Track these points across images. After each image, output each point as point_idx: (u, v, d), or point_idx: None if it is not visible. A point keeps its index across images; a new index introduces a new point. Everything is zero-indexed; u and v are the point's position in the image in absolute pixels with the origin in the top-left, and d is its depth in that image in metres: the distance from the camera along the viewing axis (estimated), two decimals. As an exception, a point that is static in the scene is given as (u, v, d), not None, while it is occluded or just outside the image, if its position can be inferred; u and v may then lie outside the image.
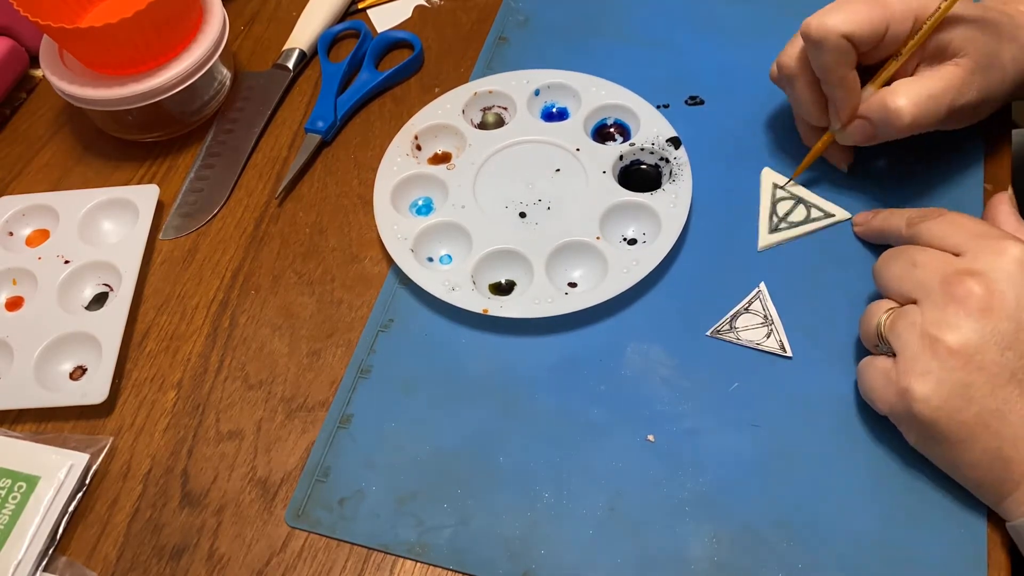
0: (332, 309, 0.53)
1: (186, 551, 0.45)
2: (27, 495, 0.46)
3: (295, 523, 0.45)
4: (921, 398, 0.39)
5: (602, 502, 0.44)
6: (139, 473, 0.48)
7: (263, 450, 0.48)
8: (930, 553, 0.41)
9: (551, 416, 0.47)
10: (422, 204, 0.56)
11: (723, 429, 0.46)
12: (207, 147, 0.62)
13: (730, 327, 0.49)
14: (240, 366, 0.51)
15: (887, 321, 0.42)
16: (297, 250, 0.56)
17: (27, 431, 0.50)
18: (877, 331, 0.43)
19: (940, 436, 0.40)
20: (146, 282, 0.55)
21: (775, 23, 0.62)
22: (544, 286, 0.50)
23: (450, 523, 0.44)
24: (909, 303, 0.42)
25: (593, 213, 0.52)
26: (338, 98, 0.62)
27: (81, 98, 0.57)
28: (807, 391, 0.47)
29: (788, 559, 0.42)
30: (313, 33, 0.66)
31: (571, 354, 0.49)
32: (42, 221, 0.57)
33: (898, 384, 0.40)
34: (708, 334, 0.49)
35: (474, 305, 0.49)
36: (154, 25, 0.54)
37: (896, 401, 0.41)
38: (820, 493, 0.44)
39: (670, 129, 0.55)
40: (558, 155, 0.56)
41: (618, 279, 0.50)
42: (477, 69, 0.63)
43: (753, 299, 0.49)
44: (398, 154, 0.57)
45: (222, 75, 0.62)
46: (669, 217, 0.52)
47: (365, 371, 0.50)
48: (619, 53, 0.62)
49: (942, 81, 0.45)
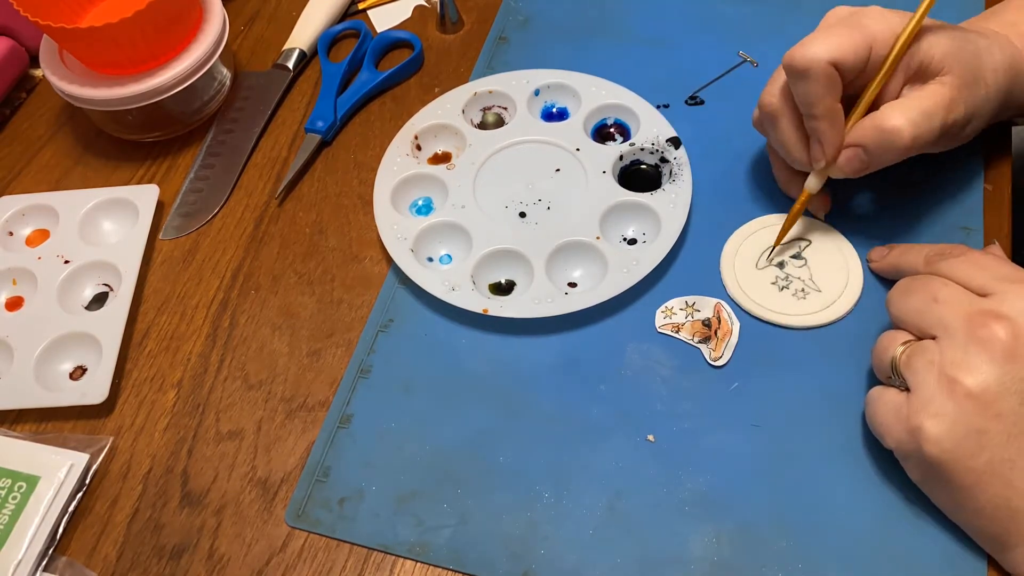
0: (332, 309, 0.53)
1: (186, 551, 0.45)
2: (27, 495, 0.46)
3: (295, 523, 0.45)
4: (933, 439, 0.38)
5: (602, 502, 0.44)
6: (139, 473, 0.48)
7: (263, 450, 0.48)
8: (930, 553, 0.41)
9: (551, 416, 0.47)
10: (422, 204, 0.56)
11: (723, 429, 0.46)
12: (207, 147, 0.62)
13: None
14: (240, 366, 0.51)
15: (903, 356, 0.40)
16: (297, 250, 0.56)
17: (27, 431, 0.50)
18: (892, 365, 0.41)
19: (947, 480, 0.39)
20: (146, 282, 0.55)
21: (775, 23, 0.62)
22: (544, 286, 0.50)
23: (450, 523, 0.44)
24: (927, 338, 0.40)
25: (593, 213, 0.52)
26: (338, 98, 0.62)
27: (81, 98, 0.57)
28: (807, 391, 0.47)
29: (788, 559, 0.42)
30: (313, 33, 0.66)
31: (571, 354, 0.49)
32: (42, 221, 0.57)
33: (909, 422, 0.39)
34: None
35: (474, 305, 0.49)
36: (154, 25, 0.54)
37: (906, 438, 0.39)
38: (820, 493, 0.44)
39: (670, 129, 0.55)
40: (558, 155, 0.56)
41: (618, 279, 0.50)
42: (477, 69, 0.63)
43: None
44: (398, 154, 0.57)
45: (222, 75, 0.62)
46: (669, 217, 0.52)
47: (365, 371, 0.50)
48: (619, 53, 0.62)
49: (932, 98, 0.44)
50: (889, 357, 0.41)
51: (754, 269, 0.50)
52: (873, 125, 0.45)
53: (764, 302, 0.49)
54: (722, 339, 0.48)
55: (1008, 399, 0.37)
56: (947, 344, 0.39)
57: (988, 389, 0.37)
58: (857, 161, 0.46)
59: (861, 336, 0.48)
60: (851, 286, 0.49)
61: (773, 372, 0.47)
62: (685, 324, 0.49)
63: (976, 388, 0.37)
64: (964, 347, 0.38)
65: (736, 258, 0.51)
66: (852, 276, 0.49)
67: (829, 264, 0.50)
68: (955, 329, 0.39)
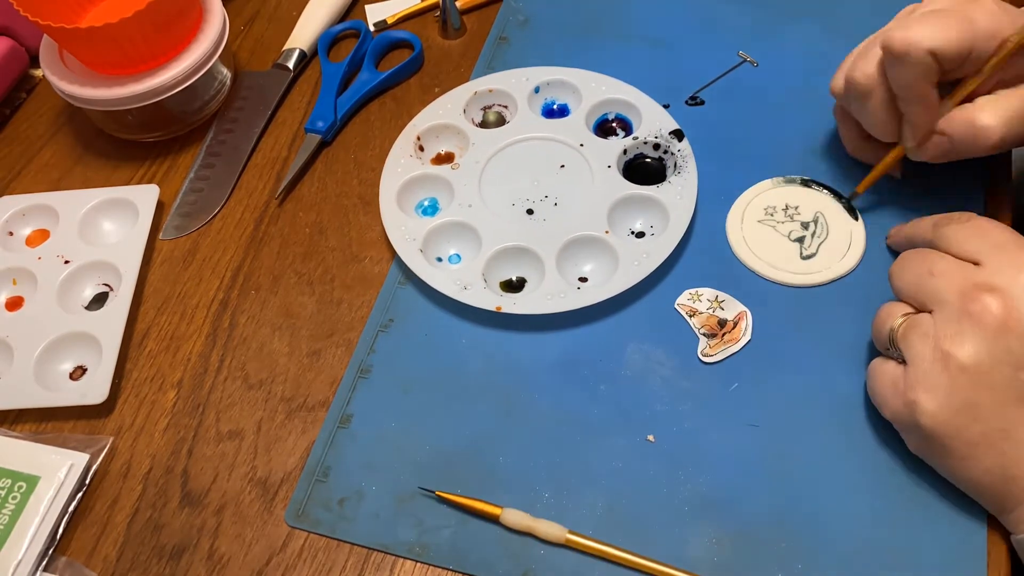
0: (332, 309, 0.53)
1: (186, 551, 0.45)
2: (27, 495, 0.46)
3: (295, 523, 0.45)
4: (928, 412, 0.39)
5: (602, 502, 0.44)
6: (139, 473, 0.48)
7: (263, 450, 0.48)
8: (930, 553, 0.41)
9: (551, 416, 0.47)
10: (428, 205, 0.56)
11: (723, 429, 0.46)
12: (207, 147, 0.62)
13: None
14: (240, 366, 0.51)
15: (901, 329, 0.41)
16: (297, 250, 0.56)
17: (27, 431, 0.50)
18: (889, 337, 0.42)
19: (943, 450, 0.40)
20: (146, 282, 0.55)
21: (775, 24, 0.62)
22: (556, 282, 0.50)
23: (450, 523, 0.44)
24: (924, 311, 0.41)
25: (600, 207, 0.53)
26: (338, 98, 0.62)
27: (81, 98, 0.57)
28: (807, 391, 0.47)
29: (788, 559, 0.42)
30: (313, 33, 0.66)
31: (572, 354, 0.49)
32: (42, 221, 0.57)
33: (905, 395, 0.40)
34: None
35: (487, 303, 0.49)
36: (154, 25, 0.54)
37: (902, 410, 0.40)
38: (820, 493, 0.44)
39: (672, 122, 0.55)
40: (562, 151, 0.56)
41: (629, 272, 0.50)
42: (477, 69, 0.63)
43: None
44: (401, 155, 0.57)
45: (222, 75, 0.62)
46: (676, 209, 0.52)
47: (365, 371, 0.50)
48: (620, 53, 0.62)
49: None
50: (887, 329, 0.42)
51: (759, 227, 0.52)
52: (964, 119, 0.45)
53: (774, 261, 0.51)
54: (726, 342, 0.48)
55: (1001, 370, 0.38)
56: (941, 318, 0.40)
57: (981, 362, 0.38)
58: (940, 149, 0.47)
59: (861, 336, 0.48)
60: (855, 244, 0.51)
61: (773, 372, 0.47)
62: (703, 314, 0.49)
63: (969, 361, 0.38)
64: (957, 321, 0.39)
65: (743, 223, 0.52)
66: (855, 237, 0.51)
67: (834, 226, 0.52)
68: (949, 303, 0.39)
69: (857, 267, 0.50)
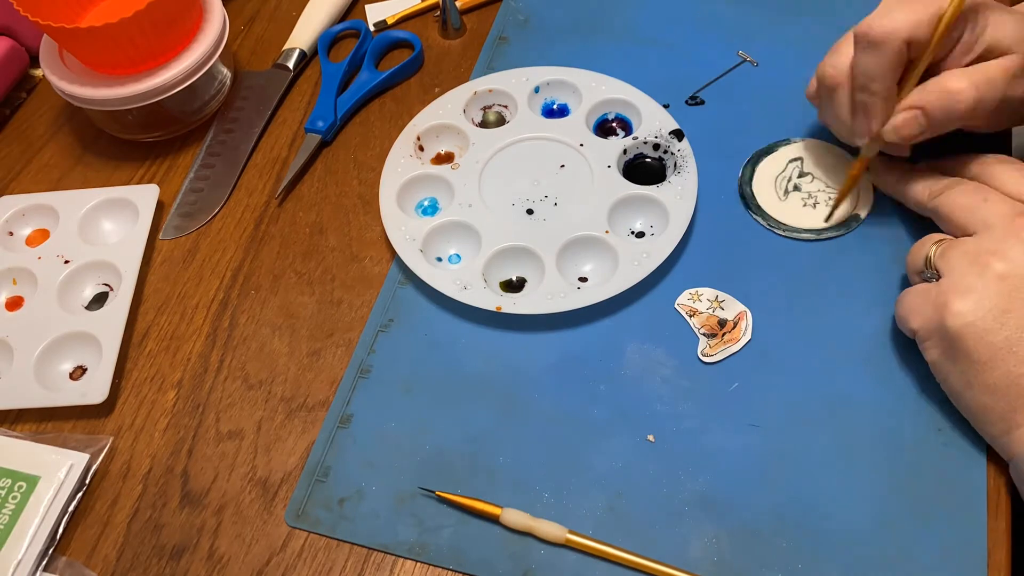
0: (332, 309, 0.53)
1: (186, 551, 0.45)
2: (27, 495, 0.46)
3: (295, 523, 0.45)
4: (956, 312, 0.41)
5: (602, 502, 0.44)
6: (139, 473, 0.48)
7: (263, 450, 0.48)
8: (930, 553, 0.41)
9: (551, 416, 0.47)
10: (427, 205, 0.56)
11: (723, 429, 0.46)
12: (207, 147, 0.62)
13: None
14: (240, 366, 0.51)
15: (938, 250, 0.43)
16: (297, 250, 0.56)
17: (27, 431, 0.50)
18: (926, 261, 0.44)
19: (964, 353, 0.41)
20: (146, 282, 0.55)
21: (775, 24, 0.62)
22: (556, 281, 0.50)
23: (450, 523, 0.44)
24: (966, 235, 0.43)
25: (600, 207, 0.53)
26: (338, 98, 0.62)
27: (81, 98, 0.57)
28: (807, 391, 0.47)
29: (788, 559, 0.42)
30: (313, 33, 0.66)
31: (572, 354, 0.49)
32: (42, 221, 0.57)
33: (937, 299, 0.42)
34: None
35: (487, 303, 0.49)
36: (154, 25, 0.54)
37: (932, 315, 0.42)
38: (820, 493, 0.44)
39: (672, 122, 0.55)
40: (562, 151, 0.56)
41: (629, 272, 0.50)
42: (477, 69, 0.63)
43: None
44: (401, 155, 0.57)
45: (222, 75, 0.62)
46: (676, 209, 0.52)
47: (365, 371, 0.50)
48: (620, 53, 0.62)
49: (997, 67, 0.44)
50: (923, 256, 0.44)
51: (779, 199, 0.53)
52: (936, 87, 0.45)
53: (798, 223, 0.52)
54: (726, 342, 0.48)
55: None
56: (984, 237, 0.42)
57: (1017, 273, 0.40)
58: (915, 124, 0.46)
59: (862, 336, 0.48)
60: None
61: (773, 372, 0.47)
62: (703, 314, 0.49)
63: (1005, 271, 0.40)
64: (1001, 239, 0.41)
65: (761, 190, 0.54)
66: None
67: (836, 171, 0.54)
68: (996, 226, 0.42)
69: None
